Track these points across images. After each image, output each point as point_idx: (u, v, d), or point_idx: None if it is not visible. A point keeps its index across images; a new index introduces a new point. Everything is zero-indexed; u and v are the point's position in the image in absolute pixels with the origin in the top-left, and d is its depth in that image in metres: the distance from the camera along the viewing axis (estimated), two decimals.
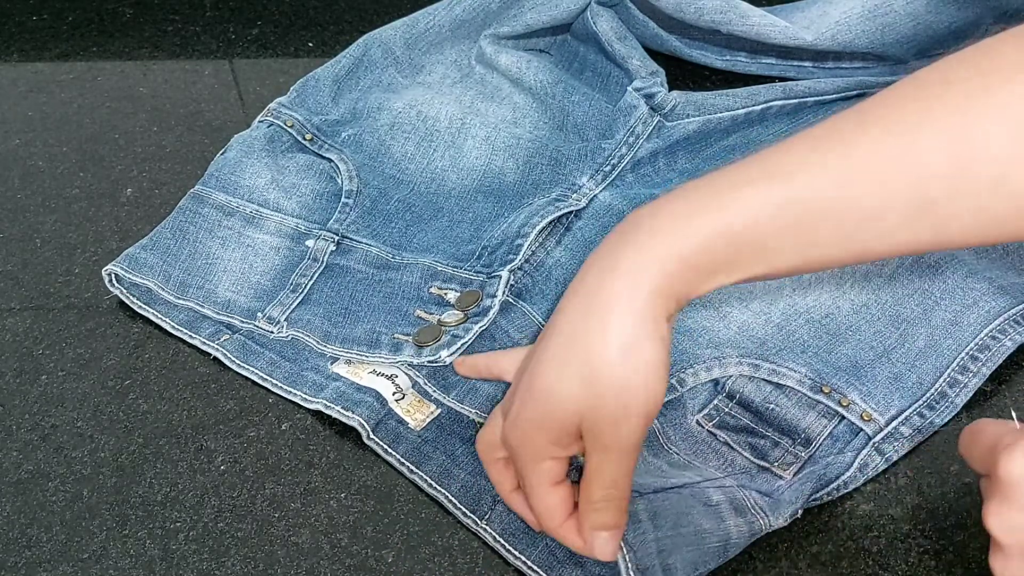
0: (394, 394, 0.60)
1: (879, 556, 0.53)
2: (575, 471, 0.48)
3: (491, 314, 0.63)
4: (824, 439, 0.57)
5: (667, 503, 0.49)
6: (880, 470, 0.56)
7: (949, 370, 0.59)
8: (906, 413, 0.57)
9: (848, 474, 0.55)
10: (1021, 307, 0.61)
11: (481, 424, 0.58)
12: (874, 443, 0.56)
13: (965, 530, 0.54)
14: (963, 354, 0.59)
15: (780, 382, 0.59)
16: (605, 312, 0.41)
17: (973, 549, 0.53)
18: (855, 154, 0.40)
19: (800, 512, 0.53)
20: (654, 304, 0.41)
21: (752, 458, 0.56)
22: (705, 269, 0.41)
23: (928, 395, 0.58)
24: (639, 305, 0.41)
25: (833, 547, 0.53)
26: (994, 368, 0.59)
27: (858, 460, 0.55)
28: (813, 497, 0.54)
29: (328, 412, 0.59)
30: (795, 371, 0.59)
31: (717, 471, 0.55)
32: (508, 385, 0.60)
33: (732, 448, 0.57)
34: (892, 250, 0.42)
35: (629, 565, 0.47)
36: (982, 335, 0.60)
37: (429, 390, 0.60)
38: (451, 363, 0.61)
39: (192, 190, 0.71)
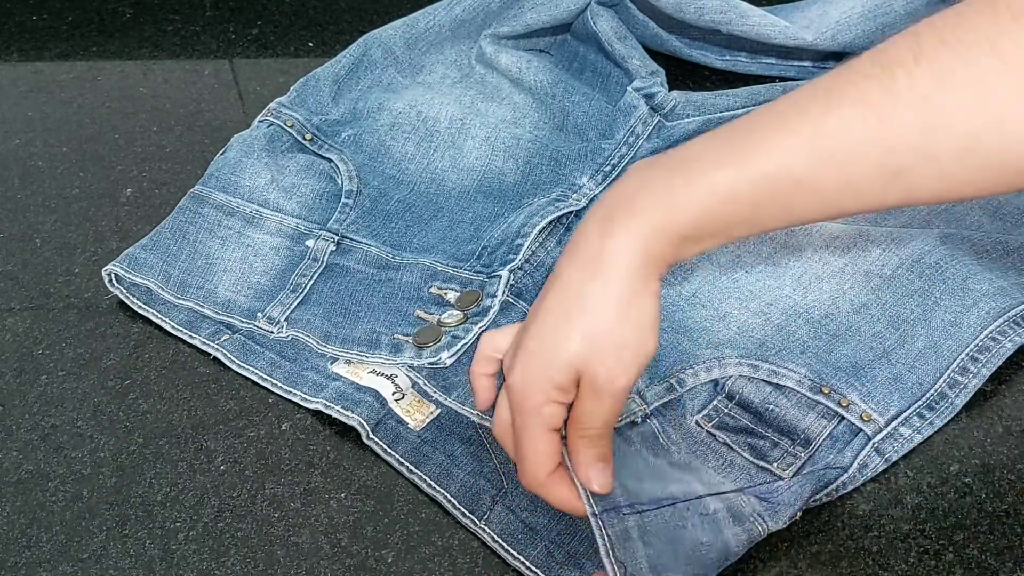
0: (394, 394, 0.60)
1: (879, 556, 0.53)
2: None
3: (491, 314, 0.63)
4: (824, 439, 0.57)
5: (660, 519, 0.49)
6: (880, 470, 0.56)
7: (949, 371, 0.59)
8: (905, 414, 0.57)
9: (848, 474, 0.55)
10: (1021, 308, 0.61)
11: (483, 425, 0.58)
12: (874, 443, 0.56)
13: (965, 530, 0.54)
14: (963, 355, 0.59)
15: (780, 383, 0.59)
16: (604, 276, 0.45)
17: (973, 549, 0.53)
18: (824, 131, 0.42)
19: (799, 513, 0.53)
20: (647, 267, 0.45)
21: (751, 458, 0.56)
22: (692, 237, 0.45)
23: (928, 396, 0.58)
24: (634, 270, 0.45)
25: (833, 547, 0.53)
26: (994, 369, 0.59)
27: (858, 460, 0.55)
28: (813, 498, 0.54)
29: (328, 412, 0.59)
30: (794, 372, 0.59)
31: (716, 472, 0.55)
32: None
33: (731, 448, 0.57)
34: (863, 210, 0.45)
35: None
36: (982, 336, 0.60)
37: (429, 391, 0.60)
38: (451, 364, 0.61)
39: (192, 190, 0.71)
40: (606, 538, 0.48)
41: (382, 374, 0.61)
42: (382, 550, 0.54)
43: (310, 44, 0.88)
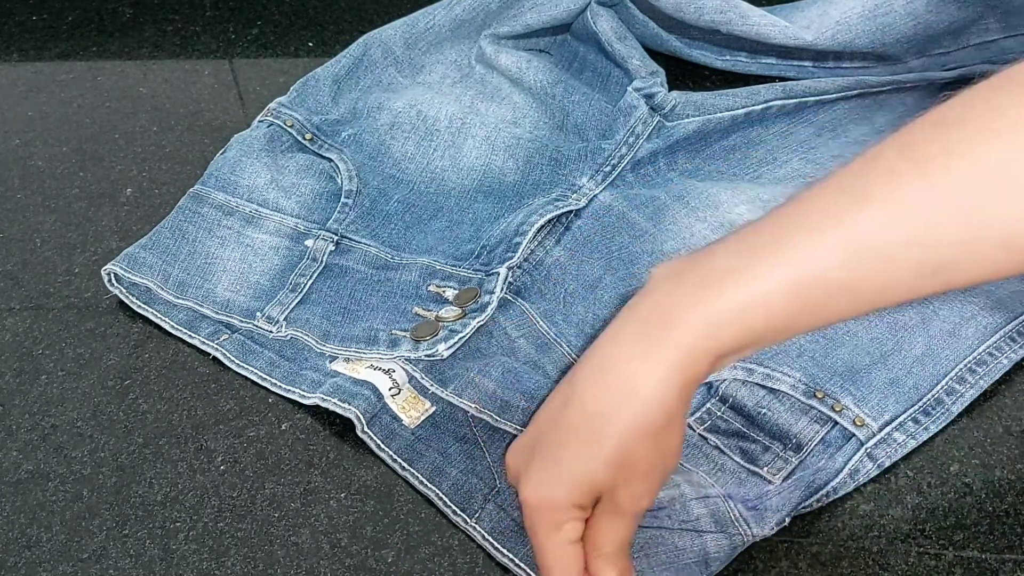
0: (390, 389, 0.60)
1: (879, 556, 0.53)
2: None
3: (489, 310, 0.63)
4: (815, 444, 0.57)
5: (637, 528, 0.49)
6: (872, 476, 0.56)
7: (947, 379, 0.59)
8: (900, 418, 0.57)
9: (837, 480, 0.55)
10: (1016, 322, 0.61)
11: (481, 418, 0.58)
12: (866, 448, 0.56)
13: (965, 530, 0.54)
14: (960, 366, 0.59)
15: (774, 387, 0.59)
16: (637, 403, 0.42)
17: (973, 549, 0.53)
18: (858, 233, 0.40)
19: (787, 520, 0.53)
20: (683, 392, 0.43)
21: (742, 462, 0.56)
22: (728, 355, 0.43)
23: (924, 401, 0.58)
24: (671, 398, 0.42)
25: (833, 547, 0.53)
26: (991, 383, 0.59)
27: (848, 466, 0.55)
28: (802, 505, 0.54)
29: (324, 405, 0.59)
30: (789, 376, 0.59)
31: (706, 475, 0.55)
32: (511, 381, 0.60)
33: (722, 452, 0.57)
34: (900, 303, 0.43)
35: None
36: (979, 350, 0.60)
37: (426, 384, 0.60)
38: (448, 357, 0.61)
39: (191, 190, 0.71)
40: None
41: (379, 368, 0.61)
42: (382, 550, 0.54)
43: (310, 44, 0.88)
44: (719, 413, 0.58)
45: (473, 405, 0.59)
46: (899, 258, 0.40)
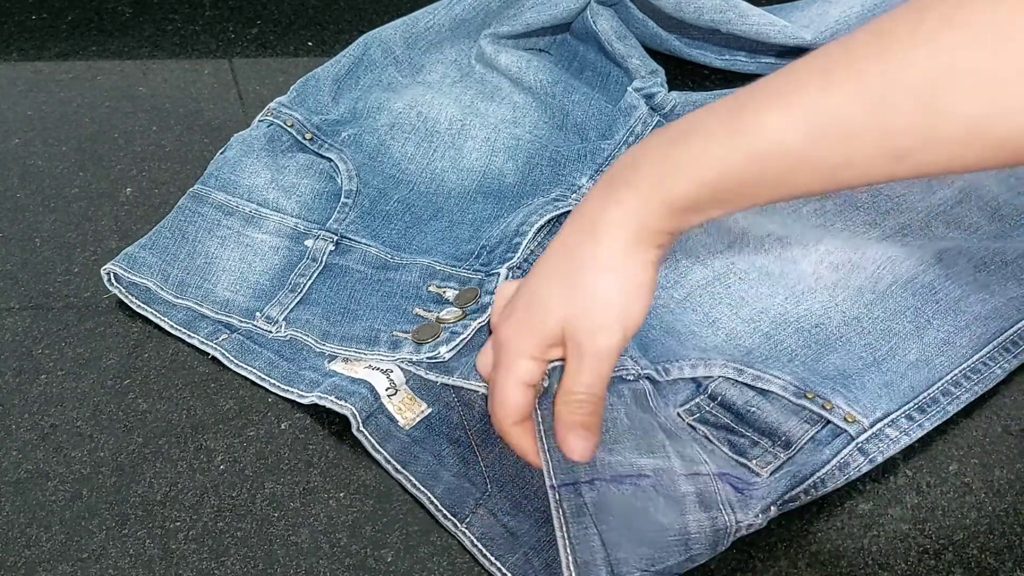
0: (387, 389, 0.60)
1: (879, 556, 0.53)
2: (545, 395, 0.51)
3: (489, 311, 0.63)
4: (805, 443, 0.56)
5: (619, 496, 0.49)
6: (864, 471, 0.55)
7: (942, 382, 0.59)
8: (893, 415, 0.57)
9: (825, 471, 0.54)
10: (1011, 332, 0.61)
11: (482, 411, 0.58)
12: (857, 443, 0.56)
13: (965, 530, 0.54)
14: (955, 372, 0.59)
15: (763, 387, 0.59)
16: (596, 239, 0.46)
17: (973, 549, 0.53)
18: (820, 109, 0.41)
19: (774, 511, 0.53)
20: (642, 237, 0.46)
21: (730, 454, 0.56)
22: (688, 208, 0.45)
23: (919, 399, 0.58)
24: (628, 237, 0.46)
25: (833, 547, 0.53)
26: (986, 389, 0.59)
27: (837, 458, 0.55)
28: (789, 495, 0.53)
29: (321, 403, 0.59)
30: (779, 378, 0.59)
31: (700, 450, 0.55)
32: None
33: (711, 441, 0.57)
34: (872, 183, 0.43)
35: (569, 557, 0.48)
36: (973, 359, 0.60)
37: (431, 377, 0.60)
38: (450, 359, 0.61)
39: (191, 189, 0.71)
40: (562, 512, 0.48)
41: (377, 368, 0.61)
42: (381, 549, 0.54)
43: (310, 44, 0.88)
44: (708, 408, 0.58)
45: (481, 385, 0.59)
46: (859, 138, 0.41)
